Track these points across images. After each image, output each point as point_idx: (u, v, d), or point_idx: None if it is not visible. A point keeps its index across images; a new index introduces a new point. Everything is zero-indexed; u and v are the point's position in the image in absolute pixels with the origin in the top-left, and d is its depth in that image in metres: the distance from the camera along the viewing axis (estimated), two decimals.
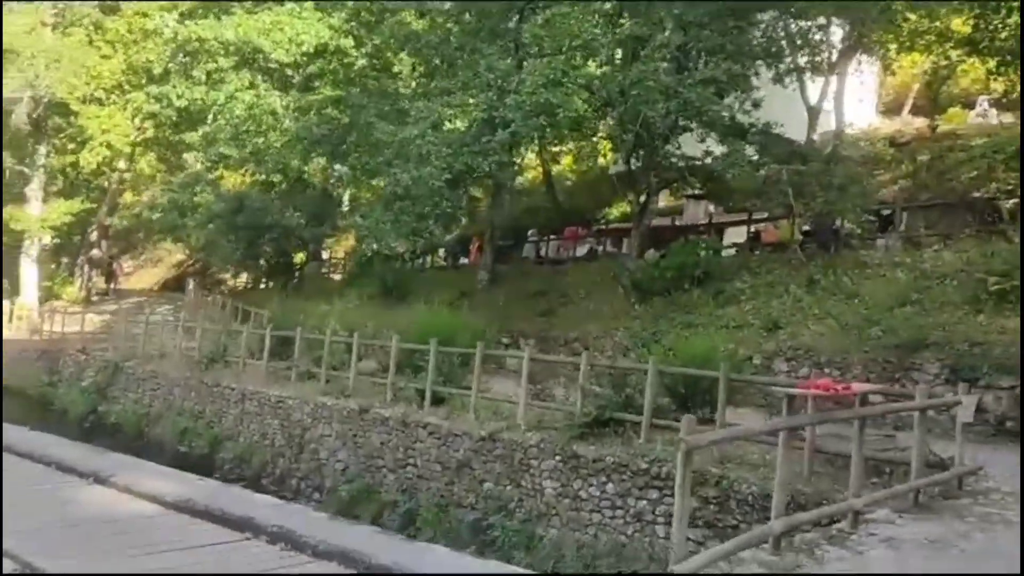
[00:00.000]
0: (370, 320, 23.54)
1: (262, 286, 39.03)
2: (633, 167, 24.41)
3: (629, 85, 19.11)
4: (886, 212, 22.60)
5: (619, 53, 23.07)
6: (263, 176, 36.38)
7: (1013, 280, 15.90)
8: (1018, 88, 27.02)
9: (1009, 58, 25.72)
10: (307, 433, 19.20)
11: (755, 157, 20.86)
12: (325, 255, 42.18)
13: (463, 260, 33.80)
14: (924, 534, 7.47)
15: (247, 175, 38.41)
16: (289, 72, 35.34)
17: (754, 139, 21.02)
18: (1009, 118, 30.72)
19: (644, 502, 12.38)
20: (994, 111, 32.20)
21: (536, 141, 23.90)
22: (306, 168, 35.24)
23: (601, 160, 37.28)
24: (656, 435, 13.09)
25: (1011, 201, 21.97)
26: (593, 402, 14.03)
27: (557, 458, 13.68)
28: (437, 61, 26.72)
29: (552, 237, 31.91)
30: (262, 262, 37.11)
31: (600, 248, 29.70)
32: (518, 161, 32.48)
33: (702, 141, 21.79)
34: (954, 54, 29.21)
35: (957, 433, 9.64)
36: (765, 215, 25.11)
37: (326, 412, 18.76)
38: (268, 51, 32.66)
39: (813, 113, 25.96)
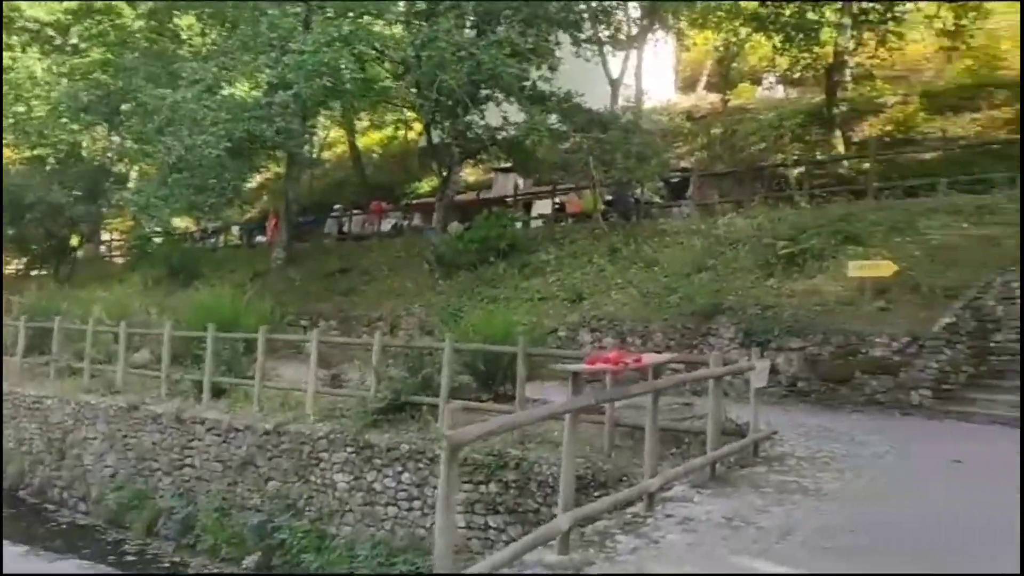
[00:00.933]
0: (153, 306, 21.25)
1: (35, 272, 34.84)
2: (437, 138, 23.37)
3: (421, 46, 17.96)
4: (682, 181, 22.95)
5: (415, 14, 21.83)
6: (30, 150, 32.31)
7: (800, 244, 16.33)
8: (801, 63, 28.41)
9: (792, 33, 26.92)
10: (69, 436, 16.87)
11: (556, 125, 20.37)
12: (106, 236, 38.26)
13: (260, 238, 31.52)
14: (721, 511, 6.98)
15: (12, 149, 33.97)
16: (52, 33, 31.44)
17: (555, 107, 20.53)
18: (793, 92, 32.47)
19: None
20: (780, 86, 33.92)
21: (330, 108, 22.26)
22: (82, 140, 31.58)
23: (412, 133, 36.02)
24: (458, 416, 12.16)
25: (797, 170, 22.92)
26: (388, 386, 12.92)
27: (349, 449, 12.49)
28: (217, 21, 24.32)
29: (357, 212, 30.38)
30: (34, 246, 33.05)
31: (406, 223, 28.53)
32: (317, 131, 30.57)
33: (499, 105, 21.01)
34: (743, 31, 30.39)
35: (751, 399, 9.36)
36: (572, 187, 24.92)
37: (90, 412, 16.53)
38: (24, 8, 28.81)
39: (615, 85, 25.96)
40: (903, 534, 6.47)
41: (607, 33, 24.46)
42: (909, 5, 26.05)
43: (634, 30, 26.04)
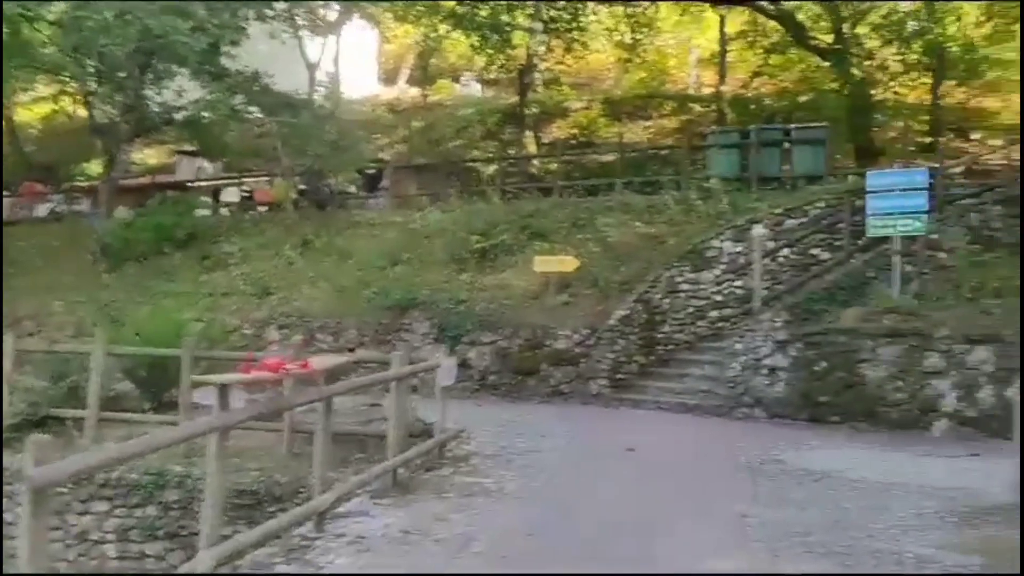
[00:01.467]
0: None
1: None
2: (103, 114, 20.64)
3: (77, 4, 15.59)
4: (379, 172, 22.44)
5: None
6: None
7: (492, 239, 16.49)
8: (496, 63, 29.12)
9: (488, 34, 27.46)
10: None
11: (241, 106, 18.82)
12: None
13: None
14: (400, 524, 6.46)
15: None
16: None
17: (240, 86, 18.95)
18: (490, 92, 33.39)
19: (89, 517, 9.81)
20: (477, 84, 34.72)
21: None
22: None
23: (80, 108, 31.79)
24: (111, 430, 10.54)
25: (492, 166, 23.38)
26: (23, 398, 10.88)
27: None
28: None
29: (7, 195, 26.11)
30: None
31: (67, 208, 25.02)
32: None
33: (173, 80, 18.95)
34: (442, 27, 30.56)
35: (438, 398, 8.98)
36: (263, 174, 23.36)
37: None
38: None
39: (312, 71, 24.80)
40: (578, 534, 6.38)
41: (302, 15, 23.20)
42: (592, 16, 27.70)
43: (332, 16, 25.09)
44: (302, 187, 21.47)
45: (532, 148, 26.48)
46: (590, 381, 13.45)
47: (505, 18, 26.90)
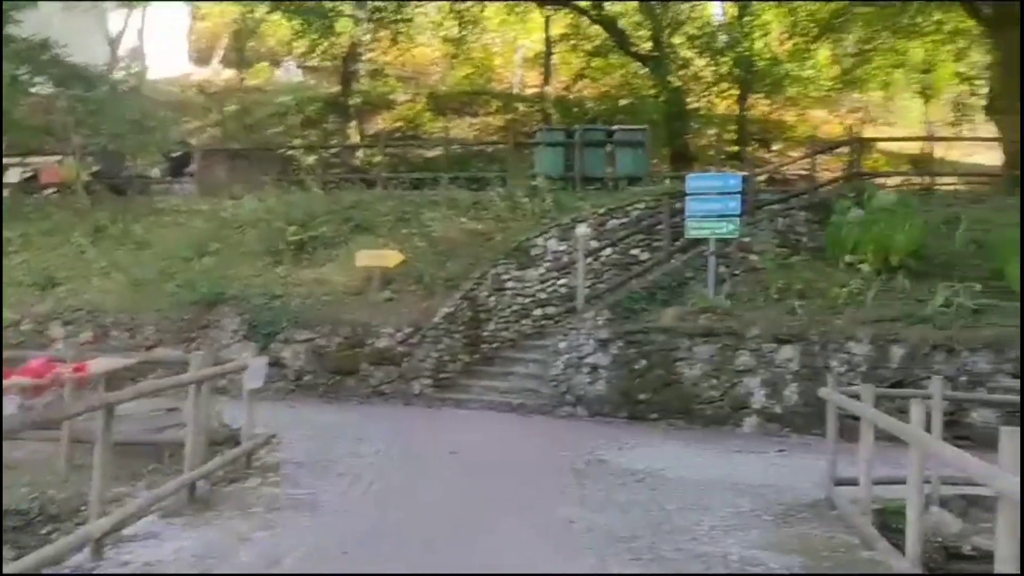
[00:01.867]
0: None
1: None
2: None
3: None
4: (186, 156, 20.82)
5: None
6: None
7: (311, 231, 15.64)
8: (319, 50, 28.01)
9: (311, 18, 26.32)
10: None
11: (26, 76, 16.76)
12: None
13: None
14: (195, 547, 5.72)
15: None
16: None
17: (25, 54, 16.86)
18: (312, 79, 32.05)
19: None
20: (299, 71, 33.28)
21: None
22: None
23: None
24: None
25: (312, 156, 22.32)
26: None
27: None
28: None
29: None
30: None
31: None
32: None
33: None
34: (261, 9, 29.02)
35: (246, 401, 8.19)
36: (56, 155, 21.01)
37: None
38: None
39: (113, 45, 22.71)
40: (397, 549, 5.90)
41: None
42: (419, 9, 27.18)
43: None
44: (96, 168, 19.49)
45: (356, 139, 25.61)
46: (413, 381, 12.98)
47: (329, 4, 25.89)
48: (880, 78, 28.48)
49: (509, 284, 14.32)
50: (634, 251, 14.54)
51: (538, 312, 14.31)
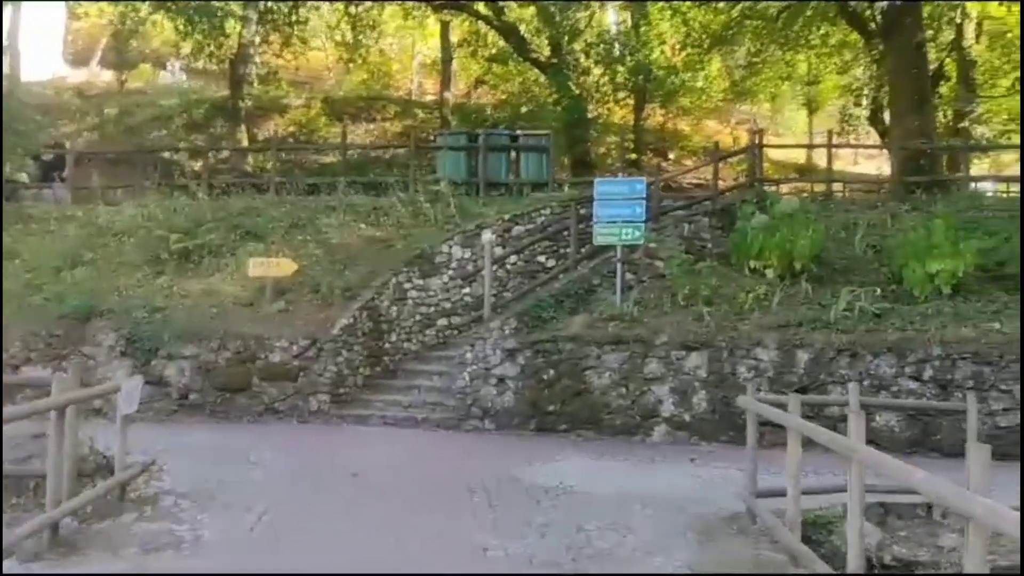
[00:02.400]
0: None
1: None
2: None
3: None
4: (58, 159, 19.38)
5: None
6: None
7: (197, 239, 14.64)
8: (206, 51, 26.66)
9: (196, 18, 25.03)
10: None
11: None
12: None
13: None
14: None
15: None
16: None
17: None
18: (199, 82, 30.60)
19: None
20: (183, 73, 31.80)
21: None
22: None
23: None
24: None
25: (198, 161, 21.16)
26: None
27: None
28: None
29: None
30: None
31: None
32: None
33: None
34: (143, 8, 27.51)
35: (119, 427, 7.34)
36: None
37: None
38: None
39: None
40: None
41: None
42: (312, 12, 26.24)
43: None
44: None
45: (246, 143, 24.47)
46: (310, 397, 12.20)
47: (217, 4, 24.67)
48: (769, 90, 29.37)
49: (412, 293, 13.74)
50: (540, 258, 14.23)
51: (443, 322, 13.80)
